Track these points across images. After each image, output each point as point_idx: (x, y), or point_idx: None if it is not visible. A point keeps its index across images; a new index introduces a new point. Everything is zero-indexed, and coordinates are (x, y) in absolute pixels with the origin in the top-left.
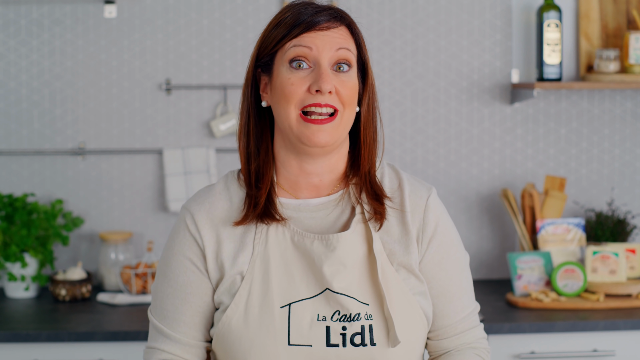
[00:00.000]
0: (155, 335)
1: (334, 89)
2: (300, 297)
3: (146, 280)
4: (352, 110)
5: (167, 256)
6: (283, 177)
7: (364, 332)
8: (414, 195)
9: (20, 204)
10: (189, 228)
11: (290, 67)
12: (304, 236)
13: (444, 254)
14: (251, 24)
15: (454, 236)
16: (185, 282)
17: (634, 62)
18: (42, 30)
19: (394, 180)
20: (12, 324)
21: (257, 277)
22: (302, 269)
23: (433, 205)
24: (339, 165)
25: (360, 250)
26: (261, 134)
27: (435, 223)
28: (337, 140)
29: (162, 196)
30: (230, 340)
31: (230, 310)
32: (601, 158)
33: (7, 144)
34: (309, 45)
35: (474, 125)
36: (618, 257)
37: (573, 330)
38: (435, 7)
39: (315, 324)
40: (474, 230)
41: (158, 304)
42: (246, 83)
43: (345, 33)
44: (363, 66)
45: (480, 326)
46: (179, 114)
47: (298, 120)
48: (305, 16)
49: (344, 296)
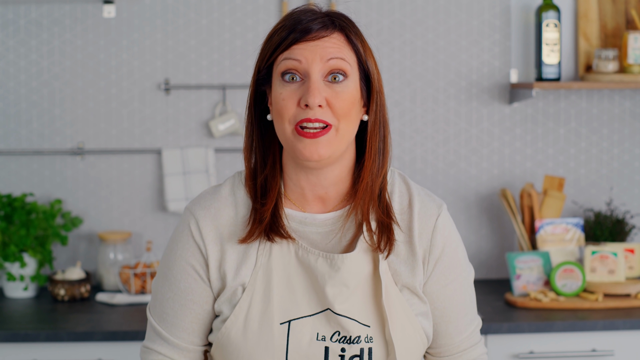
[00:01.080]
0: (153, 336)
1: (324, 102)
2: (301, 314)
3: (145, 280)
4: (350, 122)
5: (169, 258)
6: (290, 189)
7: (363, 355)
8: (423, 214)
9: (19, 204)
10: (193, 235)
11: (282, 80)
12: (309, 252)
13: (449, 275)
14: (250, 24)
15: (460, 255)
16: (187, 288)
17: (633, 62)
18: (41, 30)
19: (405, 196)
20: (11, 324)
21: (258, 289)
22: (305, 285)
23: (442, 226)
24: (344, 177)
25: (364, 271)
26: (269, 146)
27: (443, 244)
28: (334, 154)
29: (161, 196)
30: (228, 351)
31: (229, 321)
32: (600, 158)
33: (6, 144)
34: (298, 58)
35: (473, 125)
36: (617, 257)
37: (572, 330)
38: (434, 7)
39: (314, 343)
40: (472, 230)
41: (157, 305)
42: (249, 97)
43: (340, 40)
44: (367, 73)
45: (482, 341)
46: (177, 113)
47: (293, 134)
48: (297, 26)
49: (345, 318)
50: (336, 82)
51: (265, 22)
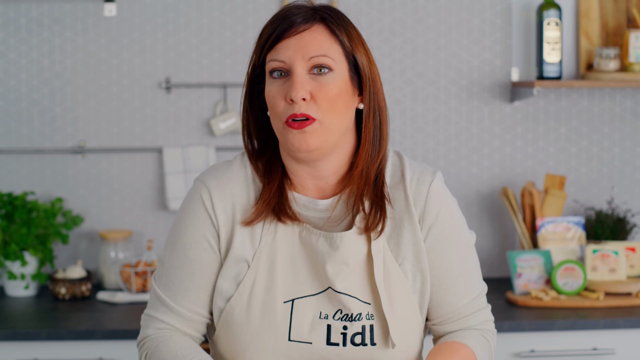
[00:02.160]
0: (156, 304)
1: (308, 95)
2: (304, 293)
3: (146, 278)
4: (336, 114)
5: (179, 227)
6: (291, 177)
7: (365, 332)
8: (416, 181)
9: (20, 203)
10: (204, 203)
11: (271, 77)
12: (311, 232)
13: (445, 242)
14: (251, 22)
15: (457, 223)
16: (196, 257)
17: (634, 60)
18: (41, 29)
19: (397, 168)
20: (12, 323)
21: (262, 268)
22: (308, 265)
23: (435, 192)
24: (344, 166)
25: (363, 249)
26: (269, 140)
27: (437, 210)
28: (323, 145)
29: (162, 195)
30: (232, 330)
31: (233, 300)
32: (601, 156)
33: (6, 143)
34: (282, 58)
35: (474, 123)
36: (618, 256)
37: (573, 328)
38: (435, 5)
39: (317, 321)
40: (473, 228)
41: (164, 274)
42: (244, 94)
43: (322, 34)
44: (355, 62)
45: (487, 308)
46: (178, 112)
47: (284, 127)
48: (283, 20)
49: (346, 296)
50: (321, 75)
51: (266, 20)
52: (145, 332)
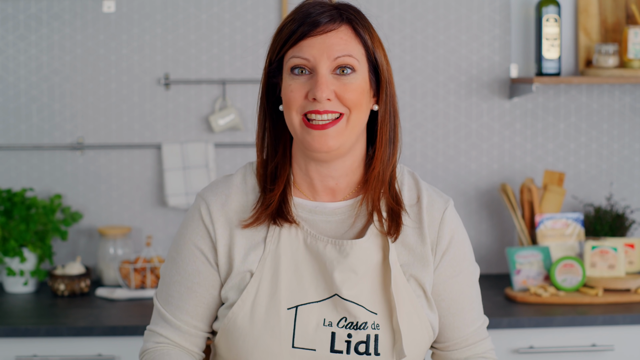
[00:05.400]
0: (157, 319)
1: (333, 95)
2: (308, 300)
3: (145, 275)
4: (361, 112)
5: (178, 242)
6: (300, 179)
7: (369, 341)
8: (431, 207)
9: (19, 199)
10: (203, 218)
11: (291, 74)
12: (317, 239)
13: (457, 267)
14: (250, 18)
15: (467, 250)
16: (194, 271)
17: (633, 56)
18: (40, 25)
19: (413, 191)
20: (11, 319)
21: (266, 275)
22: (312, 271)
23: (449, 219)
24: (355, 168)
25: (374, 259)
26: (280, 136)
27: (450, 236)
28: (344, 144)
29: (161, 191)
30: (234, 337)
31: (236, 306)
32: (600, 153)
33: (5, 139)
34: (306, 56)
35: (473, 120)
36: (617, 252)
37: (572, 325)
38: (434, 1)
39: (321, 328)
40: (472, 225)
41: (164, 289)
42: (261, 88)
43: (347, 34)
44: (375, 64)
45: (489, 338)
46: (177, 108)
47: (301, 125)
48: (306, 19)
49: (353, 304)
50: (344, 75)
51: (265, 16)
52: (145, 346)
